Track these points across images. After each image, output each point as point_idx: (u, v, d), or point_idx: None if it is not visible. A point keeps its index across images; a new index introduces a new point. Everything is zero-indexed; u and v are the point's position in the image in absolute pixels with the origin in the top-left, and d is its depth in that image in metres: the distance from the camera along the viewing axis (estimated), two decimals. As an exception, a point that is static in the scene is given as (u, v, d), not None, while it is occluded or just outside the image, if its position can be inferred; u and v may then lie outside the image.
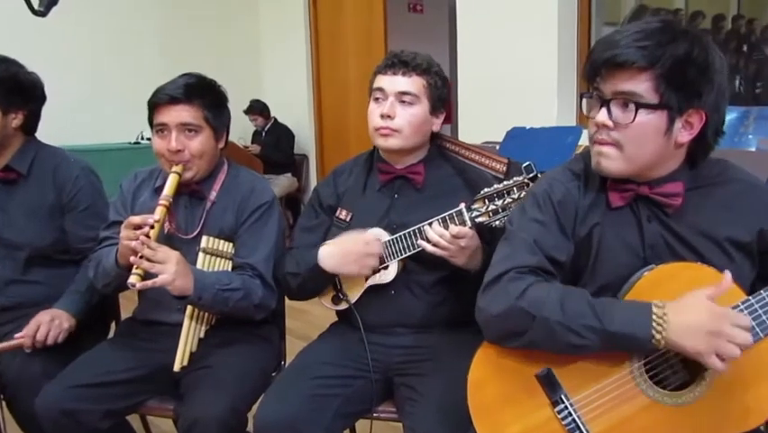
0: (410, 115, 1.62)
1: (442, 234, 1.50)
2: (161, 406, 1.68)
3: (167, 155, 1.72)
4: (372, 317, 1.65)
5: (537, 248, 1.23)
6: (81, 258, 1.93)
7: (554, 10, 3.66)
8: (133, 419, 1.81)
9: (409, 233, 1.57)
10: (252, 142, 6.00)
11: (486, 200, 1.49)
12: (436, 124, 1.69)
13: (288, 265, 1.72)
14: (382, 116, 1.62)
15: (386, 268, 1.62)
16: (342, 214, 1.72)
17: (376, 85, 1.66)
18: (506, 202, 1.47)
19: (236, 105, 1.92)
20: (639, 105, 1.12)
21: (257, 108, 5.86)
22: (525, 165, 1.48)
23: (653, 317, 1.09)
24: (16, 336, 1.72)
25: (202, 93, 1.77)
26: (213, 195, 1.80)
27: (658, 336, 1.08)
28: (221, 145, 1.83)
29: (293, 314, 2.09)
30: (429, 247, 1.51)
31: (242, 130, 5.99)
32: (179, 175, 1.70)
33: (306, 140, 6.08)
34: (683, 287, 1.13)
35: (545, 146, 3.17)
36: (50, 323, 1.75)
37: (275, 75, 6.30)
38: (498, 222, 1.49)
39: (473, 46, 4.16)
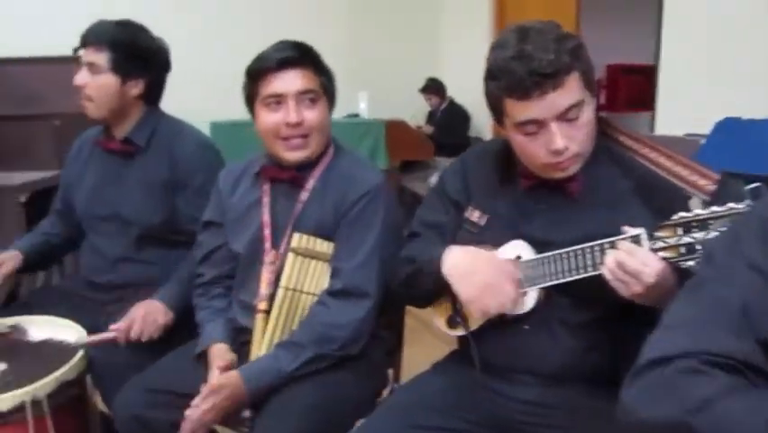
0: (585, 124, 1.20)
1: (622, 262, 1.07)
2: (236, 421, 1.46)
3: (283, 131, 1.48)
4: (495, 355, 1.29)
5: (749, 322, 0.75)
6: (192, 240, 1.79)
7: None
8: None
9: (561, 255, 1.18)
10: (427, 123, 5.76)
11: (678, 229, 1.05)
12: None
13: (407, 249, 1.41)
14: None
15: (524, 295, 1.25)
16: (475, 216, 1.35)
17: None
18: (709, 238, 1.02)
19: (411, 83, 1.65)
20: None
21: (433, 87, 5.61)
22: (750, 187, 0.99)
23: None
24: (111, 327, 1.61)
25: (313, 56, 1.52)
26: (310, 183, 1.54)
27: None
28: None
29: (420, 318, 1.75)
30: (609, 273, 1.09)
31: (415, 109, 5.76)
32: None
33: (482, 123, 5.69)
34: None
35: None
36: (144, 319, 1.62)
37: (454, 52, 5.96)
38: (692, 263, 1.04)
39: (681, 26, 3.63)
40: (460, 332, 1.34)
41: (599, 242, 1.12)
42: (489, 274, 1.22)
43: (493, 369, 1.29)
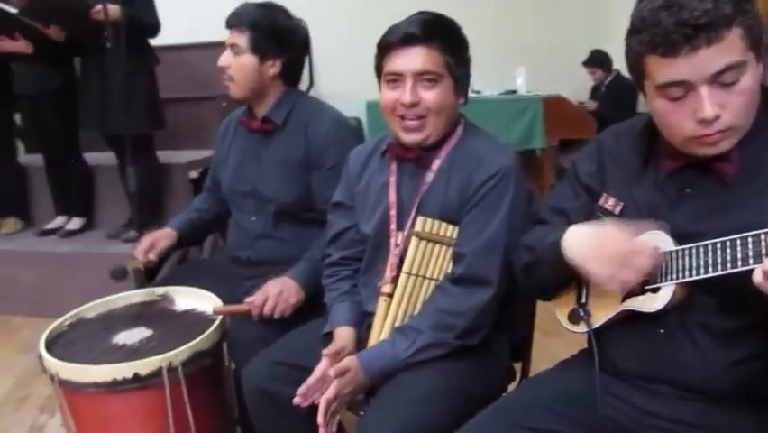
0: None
1: None
2: (353, 405, 1.45)
3: (399, 109, 1.44)
4: (623, 359, 1.16)
5: None
6: (325, 219, 1.81)
7: None
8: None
9: (706, 247, 1.02)
10: (590, 99, 5.44)
11: None
12: None
13: (528, 236, 1.31)
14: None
15: (654, 291, 1.10)
16: (610, 203, 1.21)
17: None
18: None
19: (573, 57, 1.51)
20: None
21: (597, 60, 5.27)
22: None
23: None
24: (246, 300, 1.67)
25: (442, 33, 1.43)
26: (437, 163, 1.47)
27: None
28: (461, 101, 1.49)
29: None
30: (759, 277, 0.91)
31: (576, 84, 5.45)
32: None
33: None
34: None
35: None
36: (278, 297, 1.66)
37: (624, 22, 5.53)
38: None
39: None
40: (581, 328, 1.21)
41: (755, 233, 0.94)
42: (620, 243, 1.06)
43: (620, 374, 1.16)
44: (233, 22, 1.84)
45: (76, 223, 3.80)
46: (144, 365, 1.45)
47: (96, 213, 3.91)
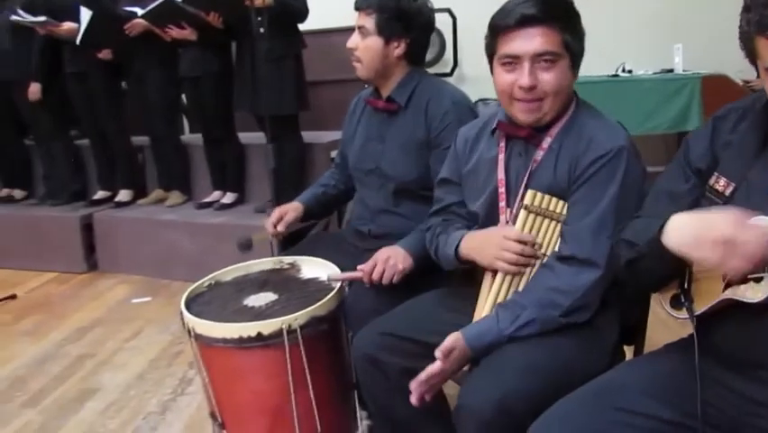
0: None
1: None
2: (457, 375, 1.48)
3: (517, 92, 1.43)
4: (729, 345, 1.12)
5: None
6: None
7: None
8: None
9: None
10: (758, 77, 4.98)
11: None
12: None
13: (627, 231, 1.27)
14: None
15: (758, 281, 1.04)
16: (720, 184, 1.15)
17: None
18: None
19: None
20: None
21: None
22: None
23: None
24: (358, 267, 1.77)
25: (559, 10, 1.42)
26: (547, 141, 1.46)
27: None
28: (574, 79, 1.46)
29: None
30: None
31: (744, 63, 5.01)
32: None
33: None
34: None
35: None
36: (386, 262, 1.74)
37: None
38: None
39: None
40: (683, 315, 1.17)
41: None
42: (725, 228, 0.99)
43: (725, 360, 1.11)
44: (361, 4, 1.93)
45: (229, 197, 4.14)
46: (267, 326, 1.58)
47: (248, 188, 4.23)
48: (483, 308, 1.48)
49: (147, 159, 4.59)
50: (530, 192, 1.44)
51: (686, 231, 1.06)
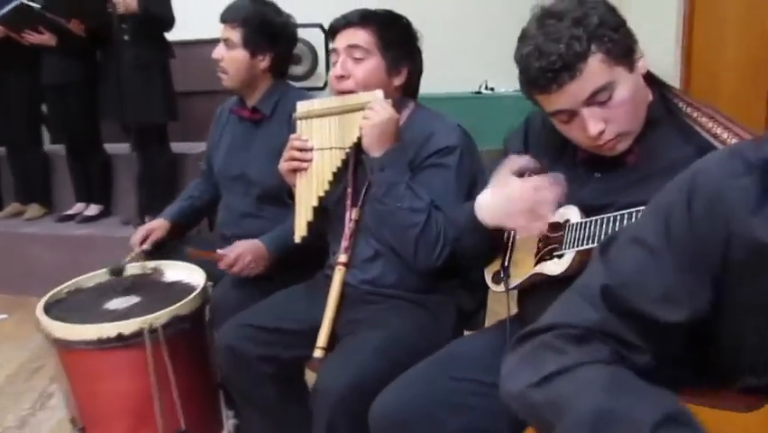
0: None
1: None
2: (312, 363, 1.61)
3: (332, 82, 1.64)
4: (538, 315, 1.31)
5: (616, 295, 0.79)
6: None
7: None
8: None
9: (606, 219, 1.17)
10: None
11: None
12: None
13: (457, 211, 1.48)
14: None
15: (560, 257, 1.25)
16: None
17: None
18: None
19: None
20: None
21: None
22: None
23: None
24: (219, 251, 1.90)
25: (381, 21, 1.64)
26: None
27: None
28: (396, 83, 1.67)
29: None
30: None
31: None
32: None
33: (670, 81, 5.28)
34: None
35: None
36: (248, 265, 1.89)
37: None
38: None
39: None
40: (501, 289, 1.37)
41: (640, 208, 1.08)
42: (525, 192, 1.24)
43: None
44: (227, 17, 2.03)
45: (93, 209, 4.04)
46: (127, 326, 1.62)
47: (115, 200, 4.14)
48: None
49: (2, 170, 4.38)
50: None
51: (493, 206, 1.30)
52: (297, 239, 1.63)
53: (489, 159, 1.60)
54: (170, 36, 3.75)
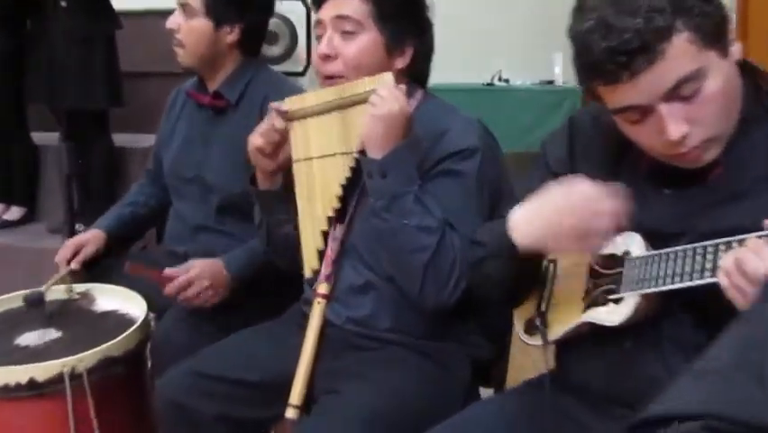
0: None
1: (741, 262, 0.93)
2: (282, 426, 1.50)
3: (316, 64, 1.53)
4: (587, 375, 1.20)
5: None
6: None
7: None
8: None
9: (680, 252, 1.04)
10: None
11: None
12: None
13: (480, 231, 1.35)
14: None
15: (616, 302, 1.12)
16: None
17: None
18: None
19: None
20: None
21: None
22: None
23: None
24: (168, 270, 1.77)
25: None
26: None
27: None
28: (398, 65, 1.53)
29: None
30: (724, 277, 0.95)
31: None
32: None
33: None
34: None
35: None
36: (204, 293, 1.77)
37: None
38: None
39: None
40: (537, 341, 1.25)
41: (725, 239, 0.98)
42: (577, 210, 1.10)
43: (580, 394, 1.19)
44: (185, -25, 1.90)
45: (15, 212, 3.89)
46: (43, 370, 1.50)
47: (41, 201, 3.99)
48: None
49: None
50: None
51: (534, 225, 1.16)
52: (308, 274, 1.51)
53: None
54: (117, 4, 3.63)
